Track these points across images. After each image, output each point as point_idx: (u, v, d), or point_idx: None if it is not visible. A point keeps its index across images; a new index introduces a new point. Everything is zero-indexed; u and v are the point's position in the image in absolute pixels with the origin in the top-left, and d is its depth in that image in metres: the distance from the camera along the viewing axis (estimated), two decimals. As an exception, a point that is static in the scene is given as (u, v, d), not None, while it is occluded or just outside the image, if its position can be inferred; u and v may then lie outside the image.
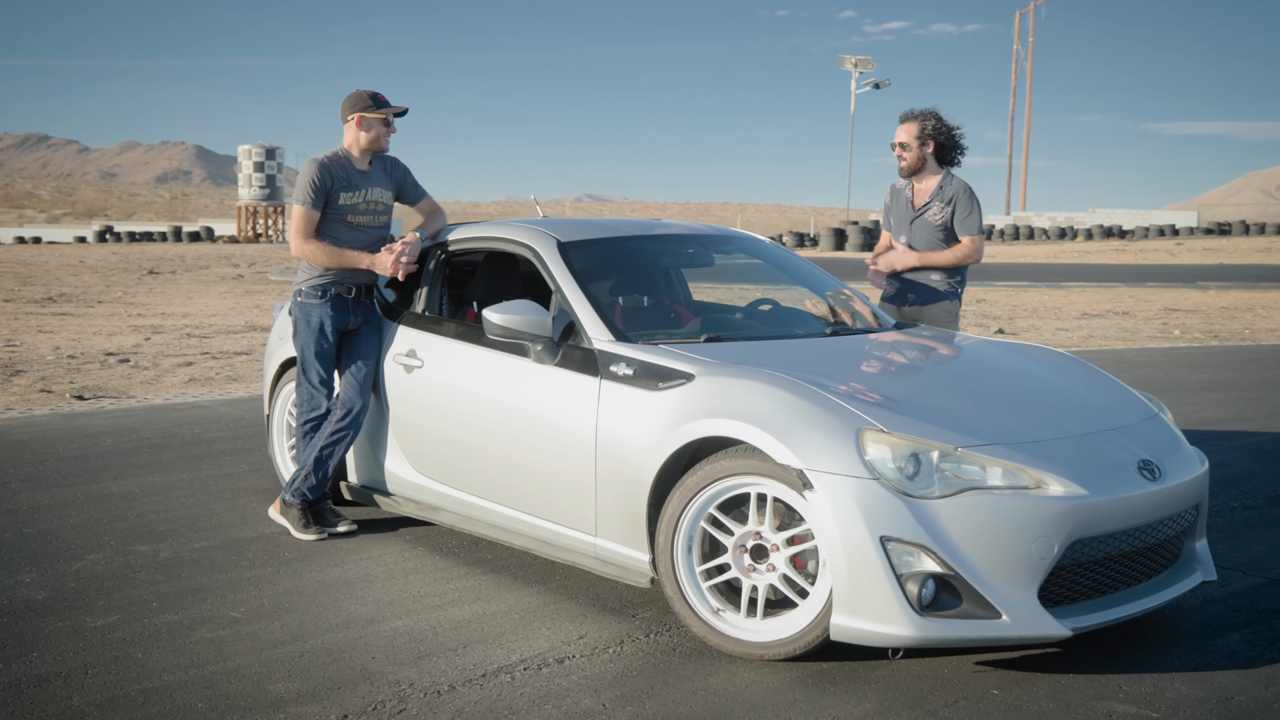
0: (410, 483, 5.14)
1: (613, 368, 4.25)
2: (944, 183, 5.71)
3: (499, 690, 3.55)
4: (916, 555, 3.51)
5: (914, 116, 5.70)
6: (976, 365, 4.54)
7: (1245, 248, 46.12)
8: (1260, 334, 15.82)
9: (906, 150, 5.68)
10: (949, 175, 5.75)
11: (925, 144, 5.68)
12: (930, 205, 5.69)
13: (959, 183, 5.70)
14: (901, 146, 5.69)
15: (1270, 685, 3.60)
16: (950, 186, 5.69)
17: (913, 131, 5.66)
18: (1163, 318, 18.21)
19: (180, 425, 7.90)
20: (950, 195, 5.67)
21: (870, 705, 3.45)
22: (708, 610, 3.86)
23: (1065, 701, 3.47)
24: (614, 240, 5.14)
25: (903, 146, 5.69)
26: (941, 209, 5.67)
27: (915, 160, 5.68)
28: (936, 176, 5.74)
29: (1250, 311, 19.47)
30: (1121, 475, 3.74)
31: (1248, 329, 16.52)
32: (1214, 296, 22.91)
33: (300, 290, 5.16)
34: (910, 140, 5.67)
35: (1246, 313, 19.26)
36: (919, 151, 5.67)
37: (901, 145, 5.69)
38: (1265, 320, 17.90)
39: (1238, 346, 14.09)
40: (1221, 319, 18.06)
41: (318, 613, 4.22)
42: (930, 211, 5.69)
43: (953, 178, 5.74)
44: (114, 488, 6.06)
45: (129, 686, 3.55)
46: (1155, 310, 19.60)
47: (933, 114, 5.71)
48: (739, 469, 3.78)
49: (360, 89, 5.22)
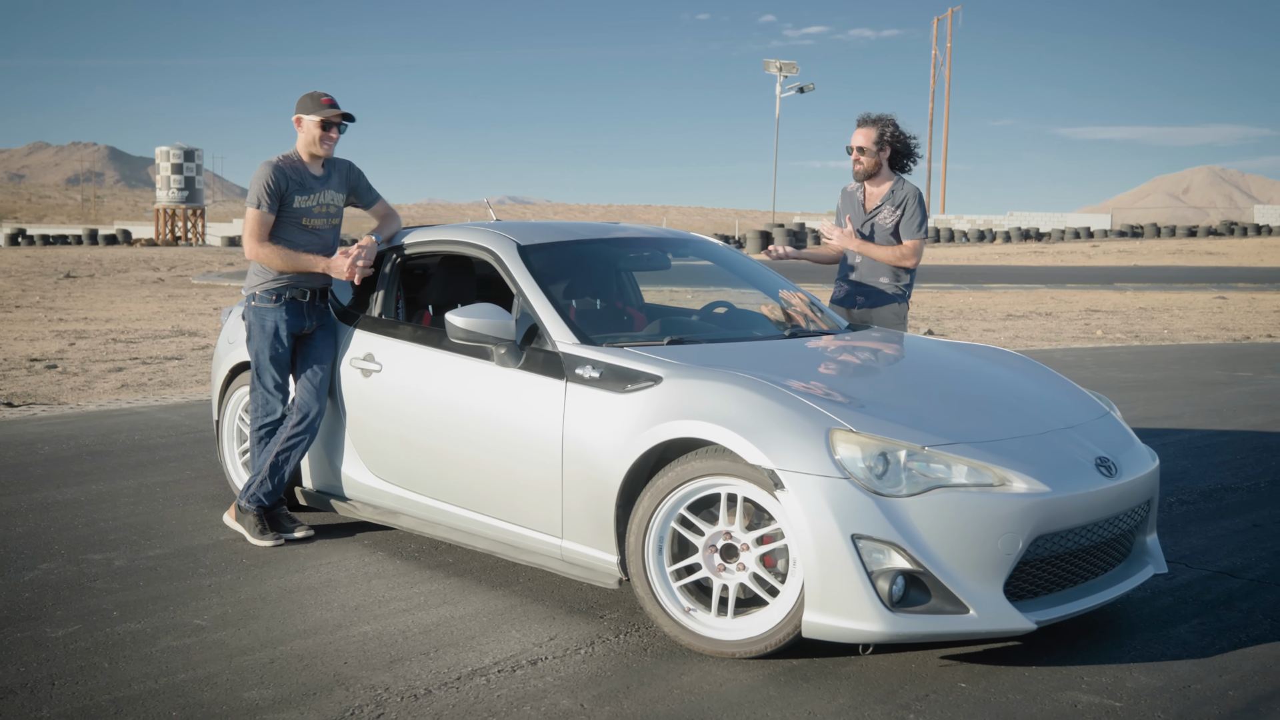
0: (368, 487, 5.11)
1: (579, 370, 4.27)
2: (895, 187, 5.81)
3: (475, 693, 3.56)
4: (886, 552, 3.58)
5: (872, 122, 5.79)
6: (934, 366, 4.64)
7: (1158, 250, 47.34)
8: (1179, 334, 16.27)
9: (864, 154, 5.76)
10: (900, 180, 5.85)
11: (882, 149, 5.77)
12: (882, 209, 5.79)
13: (910, 187, 5.81)
14: (860, 150, 5.78)
15: (1224, 673, 3.73)
16: (901, 191, 5.80)
17: (871, 136, 5.75)
18: (1084, 318, 18.64)
19: (119, 432, 7.76)
20: (901, 199, 5.77)
21: (843, 700, 3.51)
22: (679, 610, 3.90)
23: (1031, 693, 3.57)
24: (573, 243, 5.17)
25: (860, 151, 5.77)
26: (893, 212, 5.77)
27: (872, 165, 5.77)
28: (889, 181, 5.84)
29: (1167, 312, 20.01)
30: (1080, 472, 3.85)
31: (1166, 329, 16.98)
32: (1131, 298, 23.51)
33: (254, 294, 5.11)
34: (869, 145, 5.75)
35: (1164, 313, 19.79)
36: (876, 157, 5.76)
37: (860, 149, 5.78)
38: (1182, 321, 18.41)
39: (1159, 346, 14.48)
40: (1141, 319, 18.54)
41: (283, 619, 4.19)
42: (881, 215, 5.79)
43: (904, 182, 5.85)
44: (58, 496, 5.95)
45: (99, 696, 3.50)
46: (1077, 311, 20.06)
47: (891, 120, 5.80)
48: (709, 470, 3.83)
49: (314, 90, 5.17)
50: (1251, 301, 22.47)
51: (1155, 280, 29.66)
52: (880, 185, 5.84)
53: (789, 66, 47.30)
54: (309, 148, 5.08)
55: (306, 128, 5.06)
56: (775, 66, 47.14)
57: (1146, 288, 26.70)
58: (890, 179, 5.84)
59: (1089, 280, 29.61)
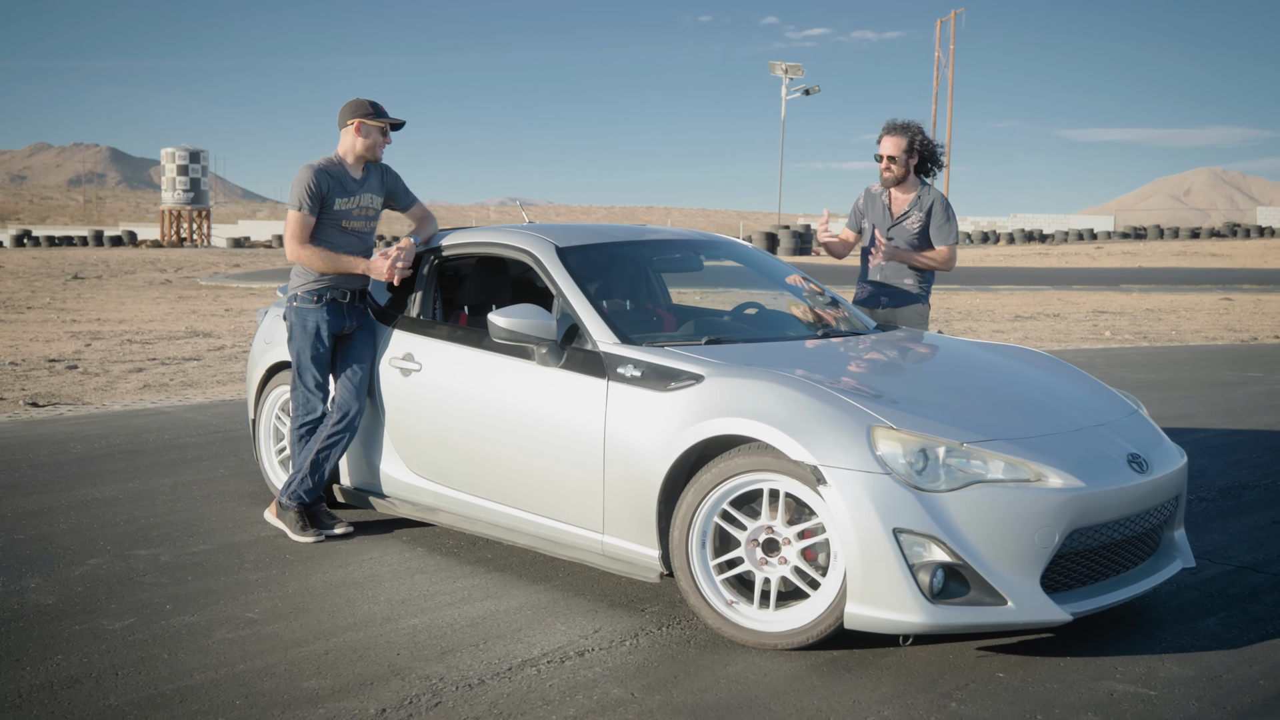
0: (407, 484, 5.21)
1: (620, 369, 4.37)
2: (922, 194, 5.92)
3: (528, 682, 3.66)
4: (927, 546, 3.68)
5: (901, 129, 5.89)
6: (966, 365, 4.74)
7: (1161, 251, 47.44)
8: (1186, 335, 16.36)
9: (894, 163, 5.87)
10: (926, 186, 5.96)
11: (911, 156, 5.88)
12: (909, 214, 5.90)
13: (936, 193, 5.92)
14: (890, 159, 5.88)
15: (1254, 663, 3.83)
16: (928, 197, 5.91)
17: (901, 145, 5.86)
18: (1092, 319, 18.73)
19: (148, 431, 7.86)
20: (928, 205, 5.88)
21: (886, 689, 3.61)
22: (722, 603, 4.01)
23: (1067, 682, 3.67)
24: (610, 245, 5.27)
25: (892, 159, 5.88)
26: (919, 218, 5.88)
27: (901, 173, 5.88)
28: (915, 188, 5.94)
29: (1174, 313, 20.10)
30: (1113, 468, 3.95)
31: (1174, 330, 17.07)
32: (1138, 299, 23.60)
33: (295, 295, 5.22)
34: (899, 153, 5.86)
35: (1170, 314, 19.89)
36: (905, 165, 5.87)
37: (890, 158, 5.88)
38: (1189, 322, 18.50)
39: (1168, 347, 14.57)
40: (1148, 321, 18.63)
41: (333, 612, 4.29)
42: (909, 220, 5.90)
43: (930, 189, 5.95)
44: (96, 494, 6.05)
45: (163, 686, 3.61)
46: (1084, 312, 20.16)
47: (919, 127, 5.91)
48: (753, 466, 3.93)
49: (360, 97, 5.30)
50: (1257, 303, 22.56)
51: (1160, 282, 29.75)
52: (907, 191, 5.95)
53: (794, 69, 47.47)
54: (363, 152, 5.20)
55: (365, 133, 5.18)
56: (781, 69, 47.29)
57: (1152, 289, 26.80)
58: (916, 185, 5.95)
59: (1094, 281, 29.70)
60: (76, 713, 3.42)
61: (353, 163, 5.26)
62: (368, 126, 5.22)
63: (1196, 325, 17.90)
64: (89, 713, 3.42)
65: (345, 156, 5.25)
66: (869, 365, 4.62)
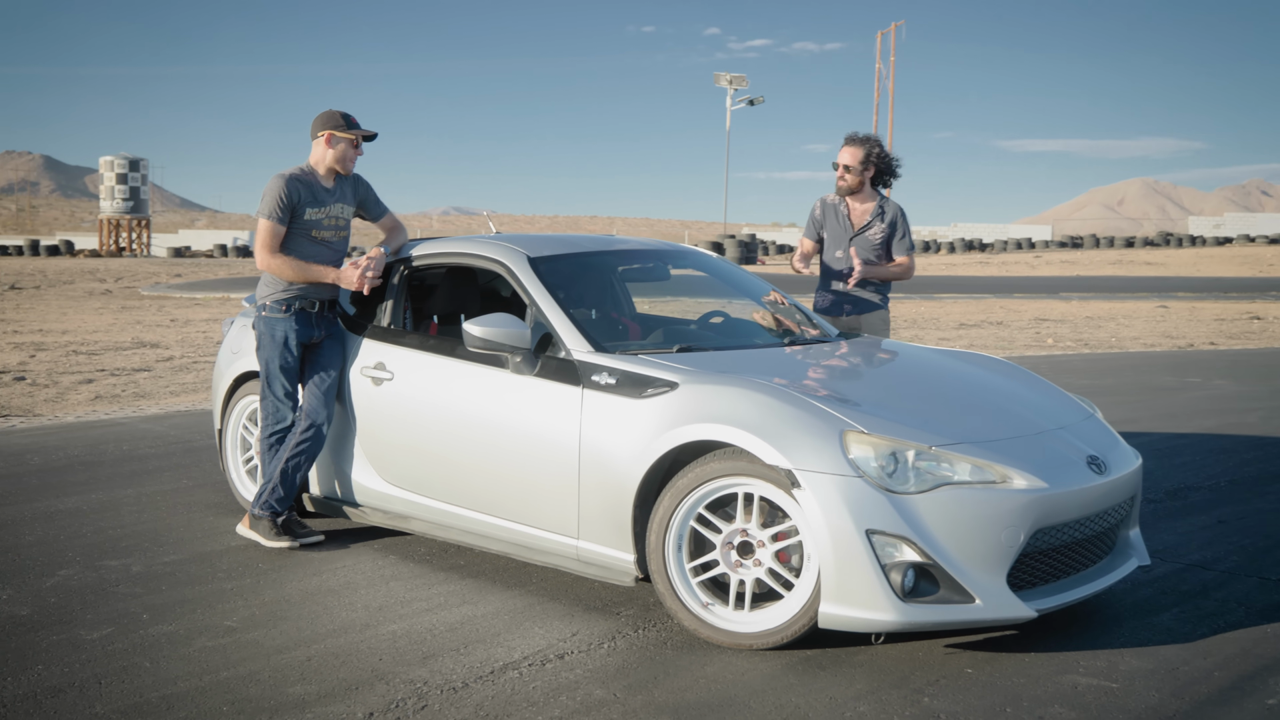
0: (379, 493, 5.25)
1: (594, 377, 4.45)
2: (883, 205, 6.08)
3: (511, 685, 3.73)
4: (898, 546, 3.80)
5: (860, 141, 6.05)
6: (929, 370, 4.88)
7: (1099, 260, 48.32)
8: (1126, 342, 16.73)
9: (850, 172, 6.02)
10: (884, 198, 6.12)
11: (867, 168, 6.03)
12: (871, 225, 6.05)
13: (895, 206, 6.08)
14: (846, 168, 6.03)
15: (1208, 656, 3.99)
16: (889, 209, 6.07)
17: (858, 155, 6.01)
18: (1035, 327, 19.09)
19: (106, 442, 7.81)
20: (890, 217, 6.04)
21: (860, 686, 3.72)
22: (698, 605, 4.10)
23: (1033, 677, 3.80)
24: (580, 255, 5.36)
25: (847, 168, 6.03)
26: (882, 229, 6.03)
27: (856, 182, 6.03)
28: (873, 199, 6.10)
29: (1113, 321, 20.53)
30: (1074, 470, 4.10)
31: (1114, 337, 17.45)
32: (1077, 307, 24.07)
33: (264, 305, 5.25)
34: (855, 163, 6.01)
35: (1110, 322, 20.31)
36: (861, 175, 6.02)
37: (846, 167, 6.03)
38: (1128, 329, 18.91)
39: (1109, 354, 14.90)
40: (1089, 328, 19.02)
41: (311, 620, 4.33)
42: (871, 231, 6.05)
43: (889, 201, 6.11)
44: (59, 505, 6.02)
45: (148, 694, 3.63)
46: (1026, 320, 20.53)
47: (876, 140, 6.07)
48: (728, 470, 4.03)
49: (333, 108, 5.34)
50: (1192, 310, 23.10)
51: (1098, 290, 30.35)
52: (865, 202, 6.10)
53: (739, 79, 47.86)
54: (335, 163, 5.24)
55: (337, 144, 5.22)
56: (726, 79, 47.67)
57: (1091, 297, 27.33)
58: (873, 196, 6.11)
59: (1035, 290, 30.23)
60: (63, 721, 3.44)
61: (324, 173, 5.30)
62: (338, 138, 5.26)
63: (1135, 332, 18.31)
64: (76, 721, 3.44)
65: (316, 166, 5.29)
66: (837, 371, 4.74)
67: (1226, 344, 16.44)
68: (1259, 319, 20.83)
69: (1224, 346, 16.05)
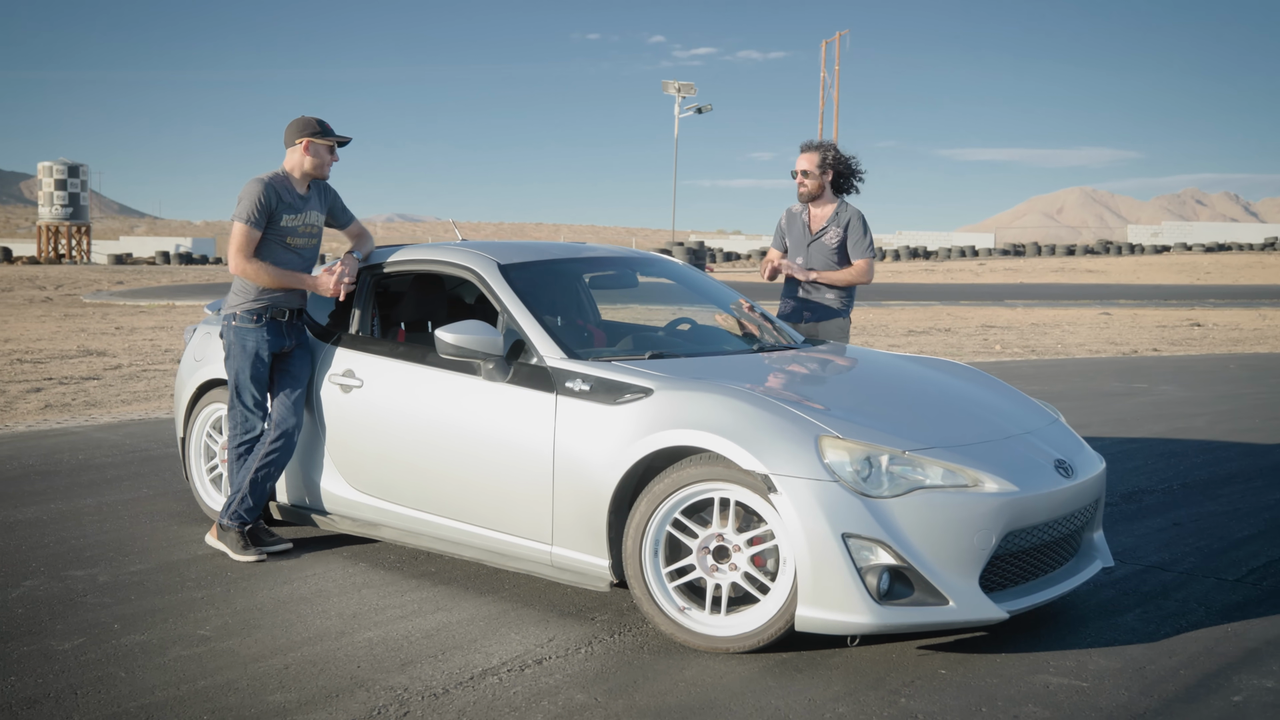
0: (348, 500, 5.24)
1: (568, 384, 4.48)
2: (839, 209, 6.15)
3: (491, 691, 3.74)
4: (873, 550, 3.86)
5: (815, 147, 6.13)
6: (896, 376, 4.95)
7: (1041, 268, 49.04)
8: (1071, 348, 17.01)
9: (808, 177, 6.10)
10: (843, 203, 6.20)
11: (825, 172, 6.11)
12: (827, 230, 6.12)
13: (853, 210, 6.16)
14: (804, 174, 6.11)
15: (1173, 655, 4.08)
16: (845, 213, 6.14)
17: (814, 160, 6.09)
18: (982, 334, 19.35)
19: (60, 452, 7.71)
20: (845, 220, 6.11)
21: (838, 688, 3.77)
22: (674, 609, 4.13)
23: (1005, 677, 3.87)
24: (550, 262, 5.38)
25: (805, 174, 6.10)
26: (837, 233, 6.10)
27: (816, 187, 6.10)
28: (832, 204, 6.17)
29: (1058, 328, 20.86)
30: (1043, 473, 4.18)
31: (1060, 344, 17.73)
32: (1022, 314, 24.42)
33: (234, 315, 5.21)
34: (812, 168, 6.09)
35: (1055, 329, 20.63)
36: (820, 179, 6.10)
37: (804, 173, 6.11)
38: (1073, 336, 19.22)
39: (1056, 360, 15.14)
40: (1035, 335, 19.31)
41: (285, 628, 4.31)
42: (827, 235, 6.12)
43: (847, 205, 6.19)
44: (18, 515, 5.94)
45: (126, 704, 3.60)
46: (973, 327, 20.80)
47: (832, 145, 6.15)
48: (704, 475, 4.07)
49: (307, 115, 5.33)
50: (1134, 317, 23.52)
51: (1042, 297, 30.80)
52: (824, 207, 6.17)
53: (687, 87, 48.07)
54: (311, 170, 5.22)
55: (314, 151, 5.20)
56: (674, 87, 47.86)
57: (1035, 304, 27.74)
58: (834, 201, 6.18)
59: (980, 297, 30.62)
60: (41, 732, 3.41)
61: (299, 179, 5.28)
62: (316, 145, 5.24)
63: (1080, 339, 18.61)
64: (54, 732, 3.41)
65: (292, 172, 5.27)
66: (808, 378, 4.80)
67: (1169, 350, 16.76)
68: (1199, 326, 21.26)
69: (1167, 353, 16.37)
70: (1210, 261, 51.96)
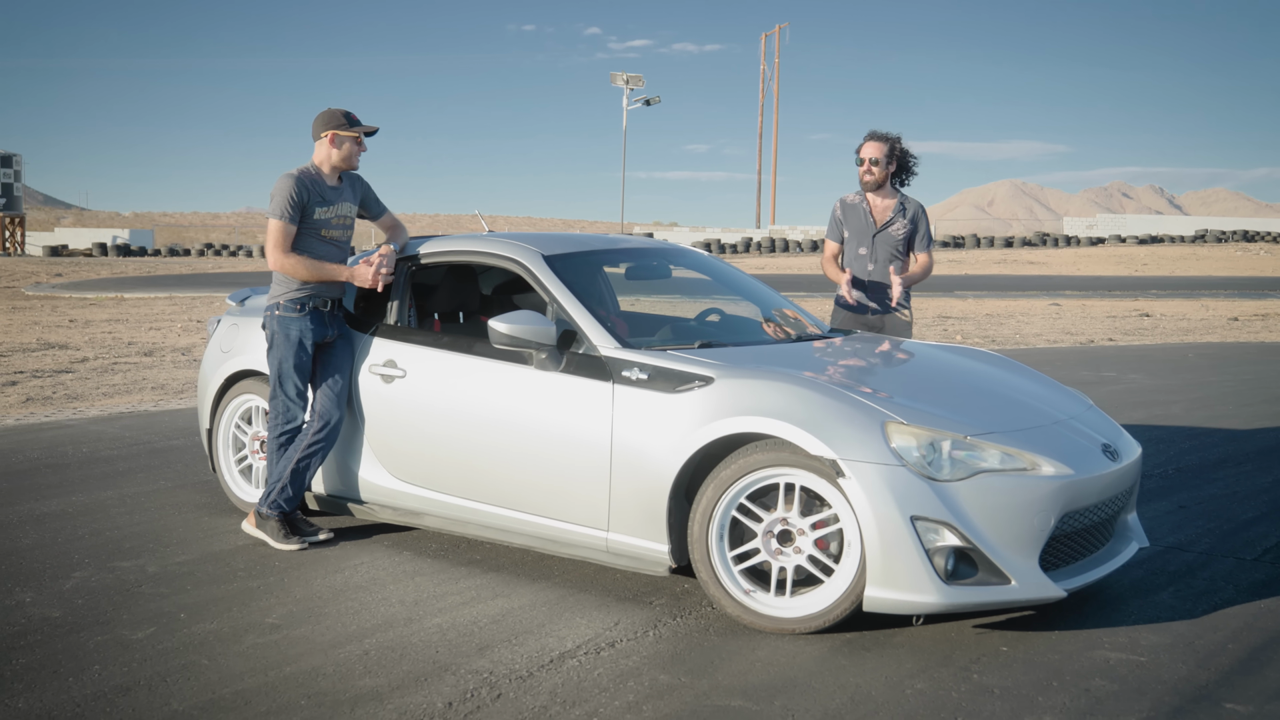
0: (388, 490, 5.28)
1: (625, 373, 4.56)
2: (904, 201, 6.27)
3: (575, 672, 3.82)
4: (940, 531, 3.99)
5: (883, 137, 6.24)
6: (940, 365, 5.08)
7: (984, 260, 49.76)
8: (1030, 338, 17.35)
9: (876, 165, 6.19)
10: (904, 195, 6.31)
11: (891, 162, 6.23)
12: (894, 221, 6.23)
13: (917, 202, 6.29)
14: (872, 162, 6.20)
15: (1218, 630, 4.26)
16: (910, 205, 6.27)
17: (883, 150, 6.20)
18: (941, 324, 19.65)
19: (61, 445, 7.64)
20: (912, 213, 6.24)
21: (910, 665, 3.90)
22: (740, 592, 4.24)
23: (1065, 653, 4.03)
24: (590, 254, 5.44)
25: (874, 162, 6.20)
26: (904, 225, 6.22)
27: (882, 176, 6.22)
28: (893, 196, 6.28)
29: (1012, 318, 21.24)
30: (1093, 457, 4.34)
31: (1017, 334, 18.07)
32: (974, 305, 24.82)
33: (278, 304, 5.23)
34: (880, 157, 6.20)
35: (1009, 319, 21.01)
36: (885, 169, 6.21)
37: (873, 161, 6.20)
38: (1028, 326, 19.59)
39: (1018, 350, 15.45)
40: (991, 325, 19.65)
41: (352, 615, 4.35)
42: (894, 226, 6.23)
43: (909, 198, 6.30)
44: (42, 508, 5.90)
45: (219, 690, 3.64)
46: (930, 317, 21.11)
47: (898, 137, 6.27)
48: (771, 461, 4.17)
49: (333, 107, 5.34)
50: (1083, 308, 24.00)
51: (989, 288, 31.29)
52: (885, 199, 6.27)
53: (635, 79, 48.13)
54: (339, 163, 5.24)
55: (342, 143, 5.22)
56: (622, 79, 47.90)
57: (985, 295, 28.19)
58: (893, 193, 6.29)
59: (929, 289, 31.00)
60: (142, 719, 3.43)
61: (329, 172, 5.30)
62: (341, 138, 5.26)
63: (1036, 329, 18.97)
64: (155, 719, 3.43)
65: (321, 166, 5.29)
66: (861, 367, 4.92)
67: (1124, 340, 17.16)
68: (1149, 316, 21.76)
69: (1123, 342, 16.75)
70: (1146, 253, 53.08)
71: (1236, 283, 35.21)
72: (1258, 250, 54.47)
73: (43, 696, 3.59)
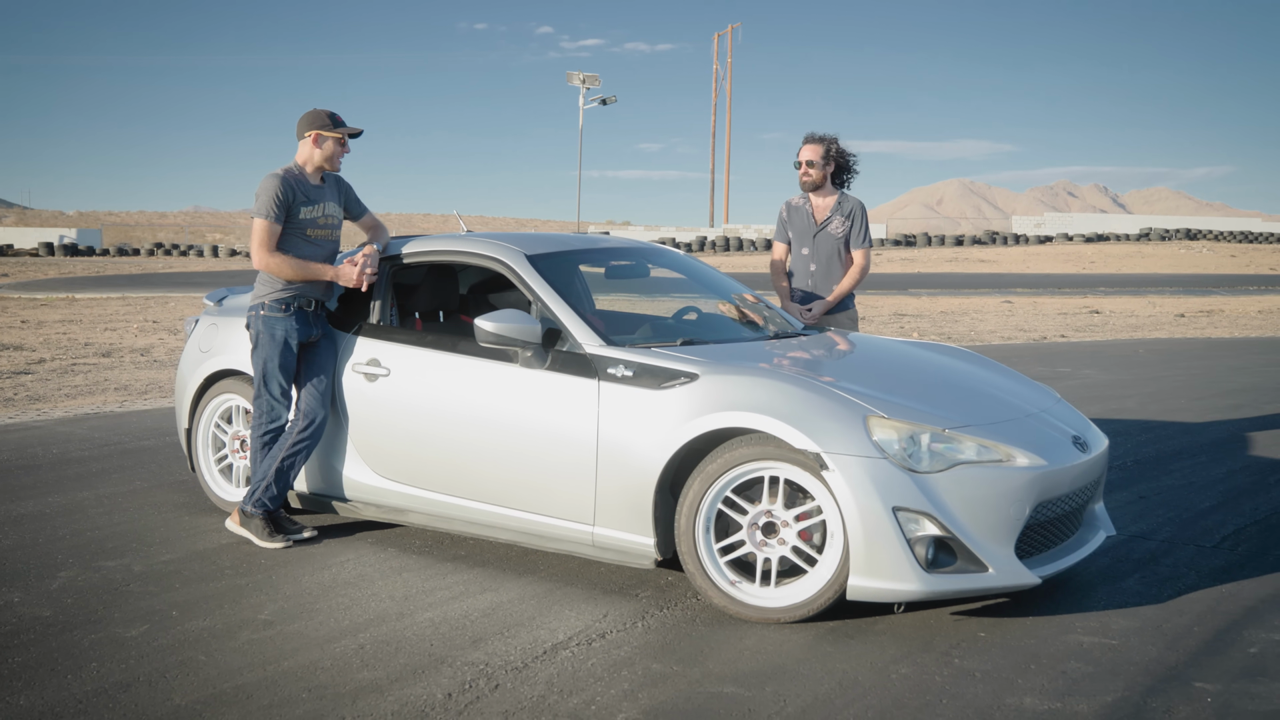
0: (372, 487, 5.33)
1: (610, 370, 4.65)
2: (841, 200, 6.41)
3: (569, 663, 3.91)
4: (920, 522, 4.12)
5: (819, 139, 6.38)
6: (913, 361, 5.22)
7: (935, 258, 50.31)
8: (985, 335, 17.62)
9: (813, 167, 6.34)
10: (844, 194, 6.45)
11: (828, 163, 6.36)
12: (831, 220, 6.38)
13: (855, 200, 6.43)
14: (809, 164, 6.35)
15: (1183, 614, 4.43)
16: (848, 203, 6.41)
17: (819, 151, 6.34)
18: (897, 321, 19.91)
19: (30, 446, 7.61)
20: (849, 210, 6.38)
21: (893, 651, 4.03)
22: (726, 583, 4.35)
23: (1041, 638, 4.17)
24: (571, 253, 5.53)
25: (810, 164, 6.35)
26: (842, 223, 6.36)
27: (819, 177, 6.36)
28: (834, 195, 6.43)
29: (966, 315, 21.55)
30: (1064, 448, 4.50)
31: (972, 331, 18.35)
32: (928, 302, 25.13)
33: (263, 304, 5.26)
34: (817, 159, 6.34)
35: (963, 316, 21.31)
36: (823, 170, 6.35)
37: (809, 163, 6.35)
38: (982, 323, 19.89)
39: (974, 346, 15.69)
40: (946, 322, 19.93)
41: (343, 611, 4.41)
42: (832, 225, 6.38)
43: (848, 196, 6.45)
44: (20, 510, 5.90)
45: (219, 685, 3.69)
46: (886, 315, 21.37)
47: (834, 139, 6.41)
48: (756, 455, 4.28)
49: (318, 108, 5.39)
50: (1035, 305, 24.39)
51: (942, 286, 31.69)
52: (826, 198, 6.43)
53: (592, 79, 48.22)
54: (321, 163, 5.29)
55: (325, 144, 5.27)
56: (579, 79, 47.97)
57: (938, 293, 28.54)
58: (834, 192, 6.44)
59: (883, 286, 31.36)
60: (146, 714, 3.48)
61: (311, 172, 5.35)
62: (324, 138, 5.31)
63: (990, 326, 19.27)
64: (157, 713, 3.48)
65: (305, 165, 5.34)
66: (838, 362, 5.04)
67: (1076, 336, 17.48)
68: (1098, 313, 22.16)
69: (1075, 339, 17.07)
70: (1093, 251, 53.90)
71: (1181, 280, 35.92)
72: (1200, 248, 55.52)
73: (43, 694, 3.63)
